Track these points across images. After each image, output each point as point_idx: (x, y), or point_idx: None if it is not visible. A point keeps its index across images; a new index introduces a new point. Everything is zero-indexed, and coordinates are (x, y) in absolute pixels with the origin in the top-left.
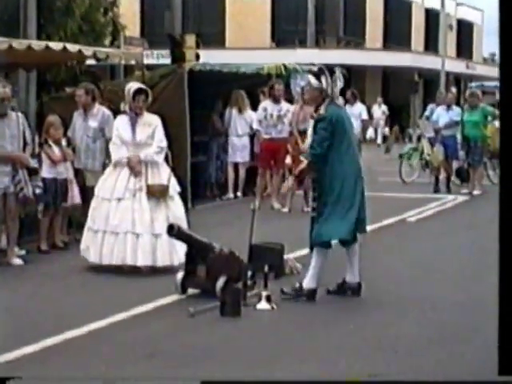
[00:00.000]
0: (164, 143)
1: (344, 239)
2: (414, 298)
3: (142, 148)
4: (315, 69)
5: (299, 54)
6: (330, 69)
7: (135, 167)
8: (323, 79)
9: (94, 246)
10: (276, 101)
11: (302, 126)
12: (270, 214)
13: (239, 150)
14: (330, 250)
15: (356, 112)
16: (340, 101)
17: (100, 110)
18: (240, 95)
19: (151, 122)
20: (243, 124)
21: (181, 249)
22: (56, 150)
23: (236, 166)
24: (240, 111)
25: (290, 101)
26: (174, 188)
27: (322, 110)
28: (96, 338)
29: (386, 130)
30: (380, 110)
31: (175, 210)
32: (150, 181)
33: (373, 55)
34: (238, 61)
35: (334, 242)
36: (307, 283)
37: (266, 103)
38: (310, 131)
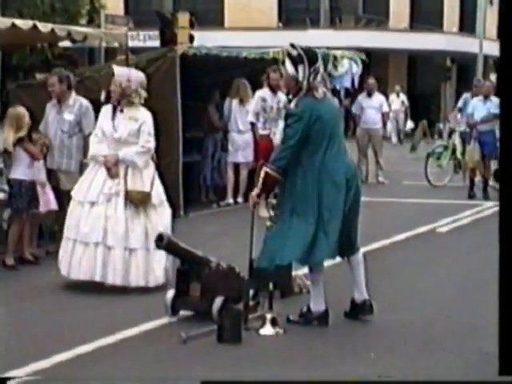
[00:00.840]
0: (151, 144)
1: (331, 258)
2: (443, 322)
3: (123, 146)
4: (294, 52)
5: (311, 35)
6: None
7: (111, 168)
8: (300, 69)
9: (65, 257)
10: (273, 91)
11: None
12: None
13: (241, 149)
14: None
15: (376, 104)
16: (320, 92)
17: (77, 101)
18: (242, 84)
19: (138, 117)
20: (245, 118)
21: (159, 267)
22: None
23: (237, 166)
24: (242, 103)
25: None
26: (159, 196)
27: (292, 104)
28: (71, 370)
29: (409, 124)
30: (398, 101)
31: (156, 221)
32: (130, 186)
33: (397, 37)
34: (240, 44)
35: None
36: (314, 305)
37: (263, 92)
38: (280, 127)
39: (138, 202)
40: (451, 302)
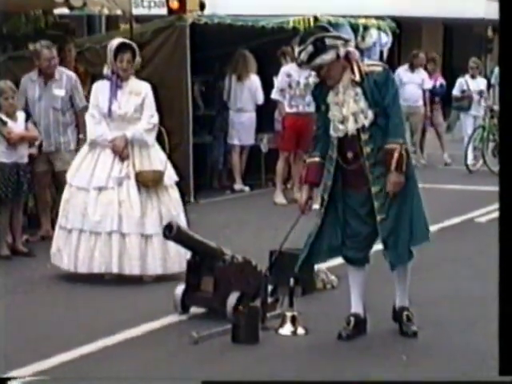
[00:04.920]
0: (155, 119)
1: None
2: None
3: (126, 124)
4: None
5: (334, 2)
6: None
7: (122, 150)
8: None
9: (68, 250)
10: (300, 65)
11: None
12: (295, 211)
13: (235, 129)
14: None
15: (418, 79)
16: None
17: (63, 74)
18: (241, 57)
19: (139, 91)
20: (245, 95)
21: (177, 254)
22: (13, 125)
23: (243, 149)
24: (239, 79)
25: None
26: (170, 176)
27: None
28: (71, 372)
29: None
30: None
31: (170, 205)
32: (138, 166)
33: (431, 3)
34: (256, 12)
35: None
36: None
37: (289, 67)
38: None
39: (150, 182)
40: (492, 298)
